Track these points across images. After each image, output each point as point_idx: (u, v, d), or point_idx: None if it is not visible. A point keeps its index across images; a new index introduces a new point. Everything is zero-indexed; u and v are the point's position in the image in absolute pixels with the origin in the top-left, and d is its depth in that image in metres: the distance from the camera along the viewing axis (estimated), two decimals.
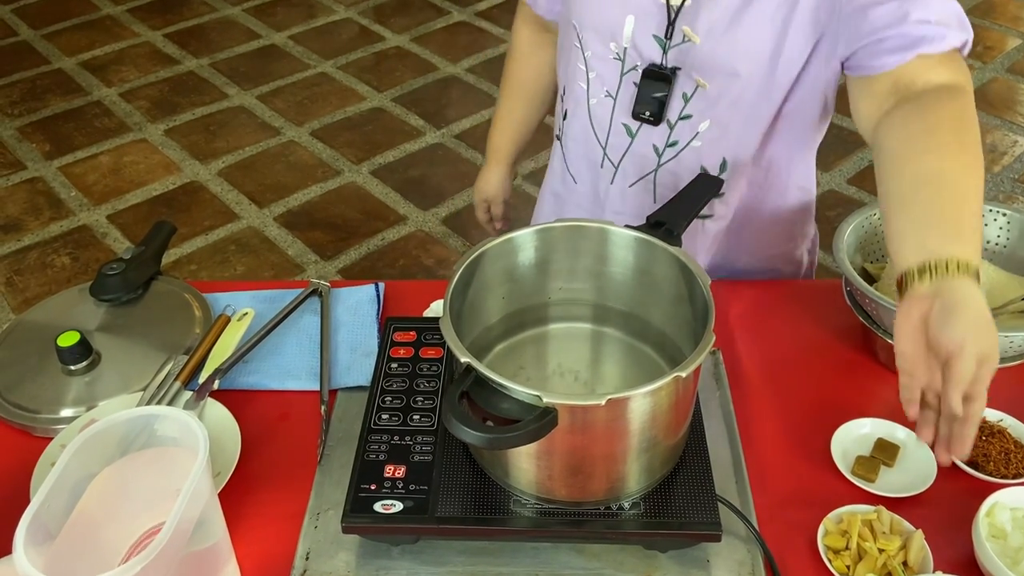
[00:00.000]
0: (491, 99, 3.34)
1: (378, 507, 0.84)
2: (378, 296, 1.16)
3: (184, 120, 3.27)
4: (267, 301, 1.15)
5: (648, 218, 0.93)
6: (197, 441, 0.75)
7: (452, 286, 0.85)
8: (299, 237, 2.70)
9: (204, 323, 1.11)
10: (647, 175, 1.15)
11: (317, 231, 2.72)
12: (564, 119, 1.21)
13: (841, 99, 1.13)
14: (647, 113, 1.09)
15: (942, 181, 0.83)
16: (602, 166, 1.18)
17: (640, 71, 1.07)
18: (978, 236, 0.82)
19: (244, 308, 1.10)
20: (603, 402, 0.73)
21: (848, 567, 0.83)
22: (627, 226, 0.92)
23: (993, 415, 0.97)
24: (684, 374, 0.76)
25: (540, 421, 0.73)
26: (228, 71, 3.58)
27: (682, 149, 1.11)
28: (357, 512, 0.84)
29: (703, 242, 1.21)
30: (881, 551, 0.83)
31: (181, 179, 2.96)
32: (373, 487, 0.86)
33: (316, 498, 0.92)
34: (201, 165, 3.02)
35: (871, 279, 1.10)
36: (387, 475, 0.87)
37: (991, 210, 1.09)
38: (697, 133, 1.09)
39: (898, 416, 0.98)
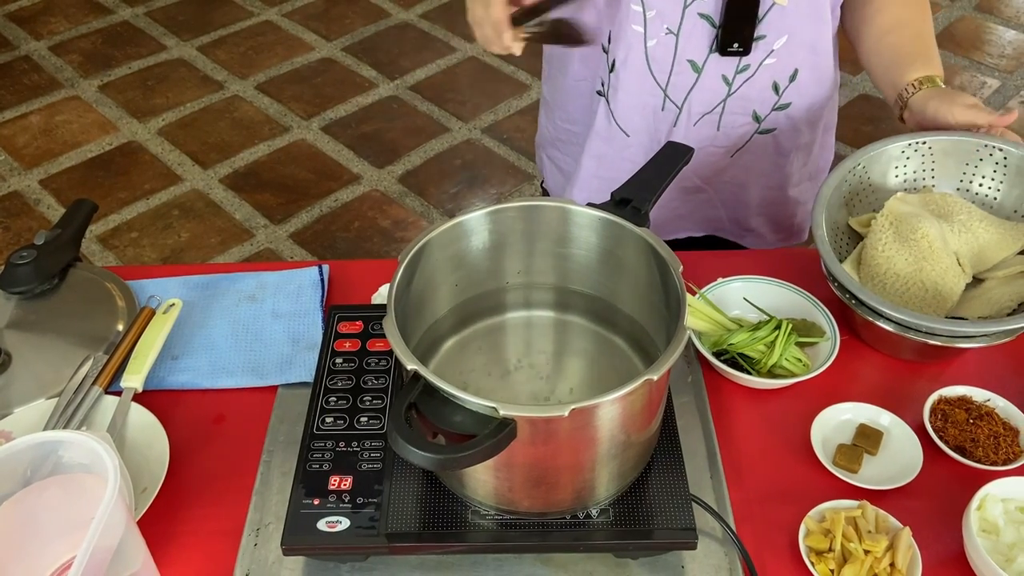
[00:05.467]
0: (448, 47, 3.18)
1: (322, 525, 0.77)
2: (322, 280, 1.06)
3: (120, 75, 3.07)
4: (198, 288, 1.05)
5: (613, 195, 0.85)
6: (106, 469, 0.66)
7: (397, 280, 0.76)
8: (247, 199, 2.56)
9: (128, 315, 1.01)
10: (715, 108, 1.12)
11: (266, 193, 2.59)
12: (611, 71, 1.13)
13: None
14: (735, 45, 1.05)
15: (903, 26, 1.08)
16: (663, 109, 1.13)
17: (706, 1, 1.03)
18: (936, 57, 1.07)
19: (171, 299, 1.00)
20: (566, 413, 0.66)
21: (832, 571, 0.77)
22: (589, 204, 0.83)
23: (980, 395, 0.91)
24: (656, 376, 0.68)
25: (496, 436, 0.65)
26: (166, 21, 3.37)
27: (755, 72, 1.08)
28: (298, 532, 0.76)
29: (763, 157, 1.18)
30: (867, 552, 0.77)
31: (118, 139, 2.78)
32: (316, 502, 0.78)
33: (255, 511, 0.84)
34: (139, 123, 2.85)
35: (858, 237, 1.02)
36: (332, 487, 0.79)
37: (985, 145, 0.99)
38: (772, 51, 1.07)
39: (880, 399, 0.92)
